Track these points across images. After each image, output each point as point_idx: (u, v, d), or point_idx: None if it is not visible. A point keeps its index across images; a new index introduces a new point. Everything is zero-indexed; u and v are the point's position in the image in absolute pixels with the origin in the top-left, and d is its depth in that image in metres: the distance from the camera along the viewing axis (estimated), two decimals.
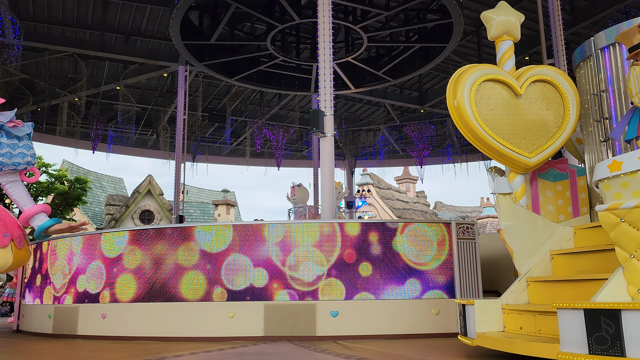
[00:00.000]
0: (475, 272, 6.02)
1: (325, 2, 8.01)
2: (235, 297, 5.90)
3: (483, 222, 34.28)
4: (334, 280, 5.87)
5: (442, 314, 5.87)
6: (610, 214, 3.16)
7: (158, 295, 6.08)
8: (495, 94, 5.05)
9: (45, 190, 20.42)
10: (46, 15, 13.15)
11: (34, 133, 14.23)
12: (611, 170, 3.15)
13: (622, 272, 3.13)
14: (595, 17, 12.03)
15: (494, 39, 5.39)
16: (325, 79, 7.68)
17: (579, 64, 5.25)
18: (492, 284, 6.75)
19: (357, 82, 14.27)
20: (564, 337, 3.10)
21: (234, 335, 5.81)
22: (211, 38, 11.81)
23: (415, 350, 4.70)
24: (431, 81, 17.33)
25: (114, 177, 31.65)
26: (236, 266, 5.97)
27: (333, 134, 7.63)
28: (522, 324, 4.01)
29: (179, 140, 13.53)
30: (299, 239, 5.98)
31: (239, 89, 16.25)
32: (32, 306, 7.50)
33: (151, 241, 6.28)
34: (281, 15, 11.60)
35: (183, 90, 13.42)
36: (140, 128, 18.64)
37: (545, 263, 4.46)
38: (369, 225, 6.11)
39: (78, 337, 6.48)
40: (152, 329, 6.01)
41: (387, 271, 5.92)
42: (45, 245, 7.49)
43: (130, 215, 23.38)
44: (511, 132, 4.98)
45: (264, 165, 21.49)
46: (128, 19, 13.44)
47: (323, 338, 5.69)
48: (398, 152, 20.80)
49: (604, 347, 2.86)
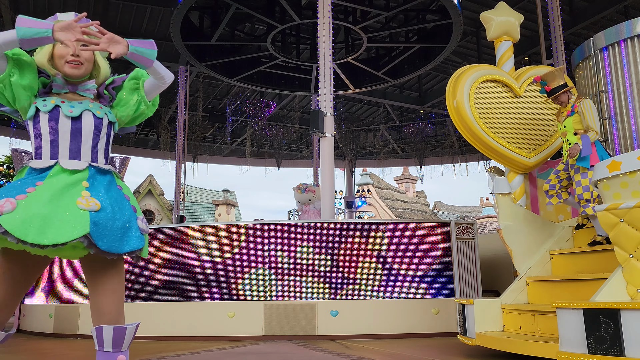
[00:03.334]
0: (474, 271, 6.03)
1: (325, 2, 8.02)
2: (236, 296, 5.91)
3: (482, 222, 34.28)
4: (334, 280, 5.88)
5: (441, 314, 5.88)
6: (609, 214, 3.17)
7: (158, 294, 6.09)
8: (494, 94, 5.06)
9: None
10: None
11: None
12: (610, 170, 3.17)
13: (621, 272, 3.14)
14: (595, 18, 12.04)
15: (493, 39, 5.41)
16: (325, 79, 7.70)
17: (578, 64, 5.27)
18: (491, 283, 6.76)
19: (357, 83, 14.28)
20: (563, 336, 3.11)
21: (234, 335, 5.82)
22: (212, 38, 11.83)
23: (415, 349, 4.71)
24: (431, 81, 17.33)
25: None
26: (236, 266, 5.98)
27: (333, 134, 7.64)
28: (522, 324, 4.03)
29: (180, 140, 13.54)
30: (302, 238, 5.99)
31: (239, 89, 16.26)
32: (33, 306, 7.51)
33: (152, 241, 6.29)
34: (281, 16, 11.61)
35: (183, 90, 13.43)
36: (141, 128, 18.65)
37: (545, 263, 4.47)
38: (368, 225, 6.12)
39: (79, 337, 6.49)
40: (152, 329, 6.02)
41: (387, 271, 5.93)
42: None
43: None
44: (510, 132, 4.99)
45: (264, 165, 21.50)
46: (129, 20, 13.44)
47: (323, 337, 5.70)
48: (398, 152, 20.81)
49: (603, 346, 2.87)
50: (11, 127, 15.94)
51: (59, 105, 2.00)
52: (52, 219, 1.79)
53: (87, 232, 1.81)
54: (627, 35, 4.65)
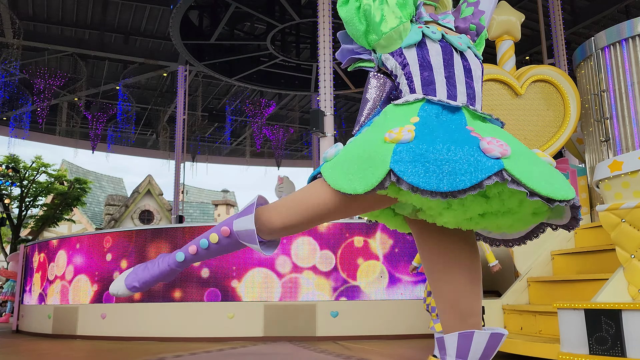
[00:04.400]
0: None
1: (325, 1, 8.00)
2: (235, 297, 5.89)
3: None
4: (335, 280, 5.86)
5: None
6: (610, 214, 3.15)
7: (158, 295, 6.07)
8: (495, 94, 5.04)
9: (44, 190, 20.42)
10: (46, 15, 13.14)
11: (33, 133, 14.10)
12: (612, 170, 3.15)
13: (622, 272, 3.12)
14: (596, 17, 12.02)
15: (494, 38, 5.39)
16: (325, 79, 7.68)
17: (579, 63, 5.25)
18: (492, 284, 6.73)
19: (357, 82, 14.26)
20: (564, 337, 3.09)
21: (234, 336, 5.80)
22: (211, 38, 11.81)
23: (415, 350, 4.69)
24: None
25: (113, 177, 31.64)
26: (236, 266, 5.96)
27: (333, 134, 7.62)
28: (523, 324, 4.01)
29: (179, 140, 13.51)
30: (302, 238, 5.97)
31: (238, 89, 16.25)
32: (32, 306, 7.49)
33: (151, 241, 6.27)
34: (281, 15, 11.59)
35: (183, 90, 13.41)
36: (140, 128, 18.63)
37: (546, 263, 4.45)
38: (369, 225, 6.09)
39: (78, 337, 6.47)
40: (152, 329, 6.00)
41: (387, 271, 5.90)
42: (45, 245, 7.48)
43: (129, 216, 23.36)
44: (511, 132, 4.97)
45: (264, 165, 21.49)
46: (128, 19, 13.42)
47: (323, 338, 5.68)
48: None
49: (604, 347, 2.85)
50: (10, 126, 15.92)
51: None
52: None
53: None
54: (629, 34, 4.63)
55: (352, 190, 1.31)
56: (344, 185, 1.33)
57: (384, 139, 1.34)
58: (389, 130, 1.35)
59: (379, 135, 1.38)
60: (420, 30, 1.55)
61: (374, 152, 1.33)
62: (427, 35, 1.55)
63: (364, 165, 1.32)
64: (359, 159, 1.36)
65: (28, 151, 62.98)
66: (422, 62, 1.54)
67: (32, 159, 20.02)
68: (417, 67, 1.54)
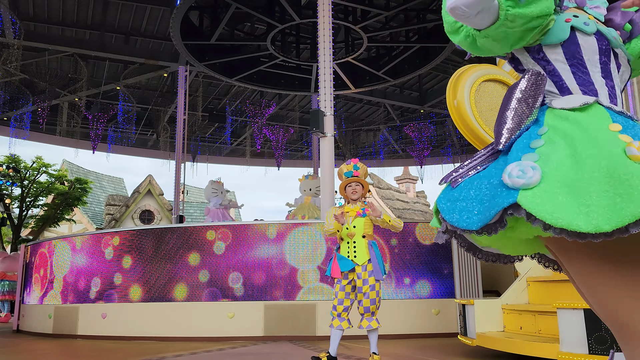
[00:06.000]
0: (475, 272, 6.01)
1: (325, 2, 8.00)
2: (235, 296, 5.90)
3: None
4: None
5: (442, 314, 5.86)
6: None
7: (158, 295, 6.08)
8: (495, 94, 5.05)
9: (45, 190, 20.43)
10: (46, 15, 13.15)
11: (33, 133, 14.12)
12: None
13: None
14: None
15: None
16: (325, 79, 7.68)
17: None
18: (492, 284, 6.74)
19: (357, 82, 14.26)
20: (563, 337, 3.10)
21: (234, 335, 5.80)
22: (211, 38, 11.81)
23: (415, 350, 4.70)
24: (431, 81, 17.31)
25: (114, 177, 31.63)
26: (236, 266, 5.97)
27: (333, 134, 7.62)
28: (522, 324, 4.01)
29: (179, 140, 13.52)
30: (301, 238, 5.98)
31: (239, 89, 16.25)
32: (32, 306, 7.50)
33: (151, 241, 6.28)
34: (281, 15, 11.59)
35: (183, 90, 13.41)
36: (140, 128, 18.62)
37: None
38: None
39: (78, 337, 6.48)
40: (152, 329, 6.01)
41: (387, 271, 5.91)
42: (45, 245, 7.49)
43: (130, 216, 23.36)
44: None
45: (264, 165, 21.48)
46: (128, 19, 13.42)
47: (323, 338, 5.68)
48: (398, 152, 20.79)
49: (604, 347, 2.86)
50: (11, 127, 15.92)
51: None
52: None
53: None
54: None
55: (610, 226, 1.05)
56: (595, 223, 1.06)
57: (624, 153, 1.09)
58: (629, 143, 1.12)
59: (610, 147, 1.13)
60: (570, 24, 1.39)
61: (621, 172, 1.07)
62: (578, 27, 1.39)
63: (611, 192, 1.06)
64: (597, 182, 1.09)
65: (29, 151, 63.01)
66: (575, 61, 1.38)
67: (32, 159, 20.05)
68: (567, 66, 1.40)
